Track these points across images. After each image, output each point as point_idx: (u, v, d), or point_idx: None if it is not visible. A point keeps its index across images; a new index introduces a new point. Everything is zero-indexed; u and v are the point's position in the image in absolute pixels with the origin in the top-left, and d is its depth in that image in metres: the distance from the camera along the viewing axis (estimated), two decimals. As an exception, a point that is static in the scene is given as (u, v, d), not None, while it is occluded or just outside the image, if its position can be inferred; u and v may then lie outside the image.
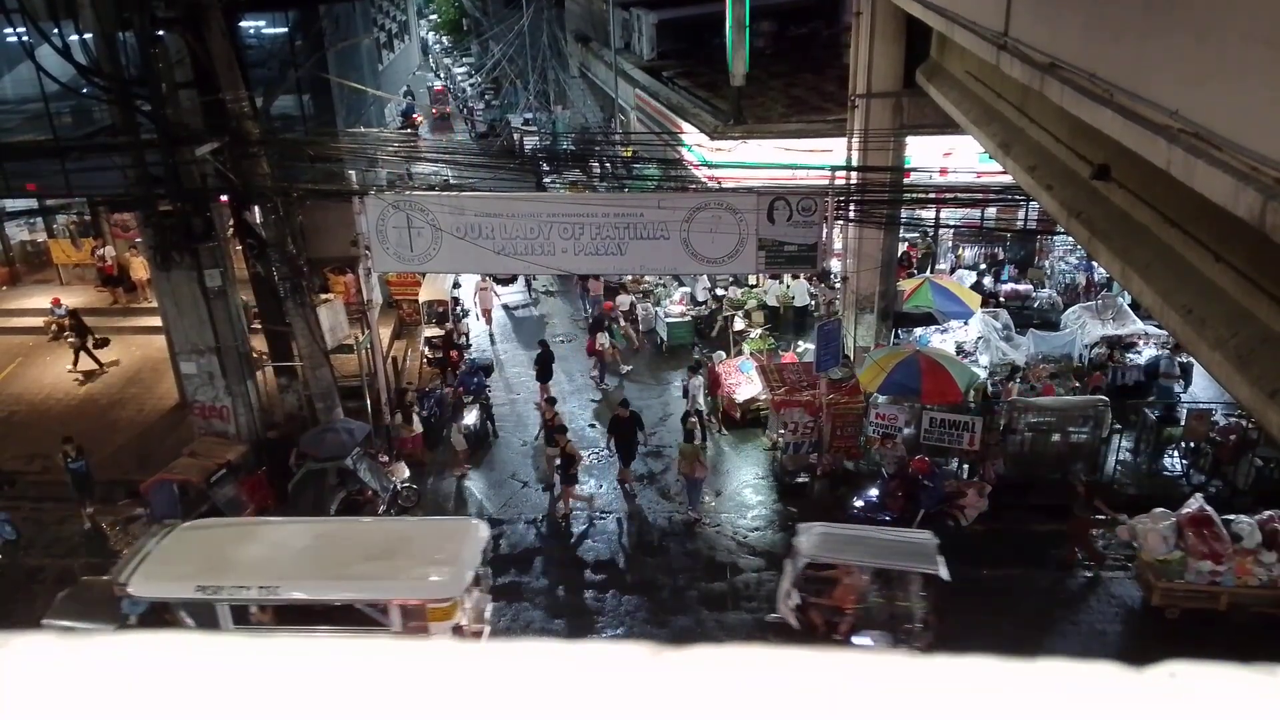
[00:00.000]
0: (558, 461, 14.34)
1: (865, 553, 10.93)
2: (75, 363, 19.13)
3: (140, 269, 21.12)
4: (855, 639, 10.90)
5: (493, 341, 20.95)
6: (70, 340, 19.11)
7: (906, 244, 21.86)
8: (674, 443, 16.44)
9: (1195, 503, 11.89)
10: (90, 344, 19.08)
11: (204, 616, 10.17)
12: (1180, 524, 11.65)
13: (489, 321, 21.31)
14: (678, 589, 12.93)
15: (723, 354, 17.74)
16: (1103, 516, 12.71)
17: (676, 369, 18.95)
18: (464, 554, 10.51)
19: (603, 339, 18.61)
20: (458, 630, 10.33)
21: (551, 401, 15.96)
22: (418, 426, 16.12)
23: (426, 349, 19.33)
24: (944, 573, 10.40)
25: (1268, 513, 11.73)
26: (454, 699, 0.76)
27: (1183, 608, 11.77)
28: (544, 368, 17.73)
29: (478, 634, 10.86)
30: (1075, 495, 12.80)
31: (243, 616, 10.44)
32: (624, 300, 20.81)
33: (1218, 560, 11.39)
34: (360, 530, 11.63)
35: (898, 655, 0.80)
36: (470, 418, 16.29)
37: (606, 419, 17.28)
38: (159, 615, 10.24)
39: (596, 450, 16.37)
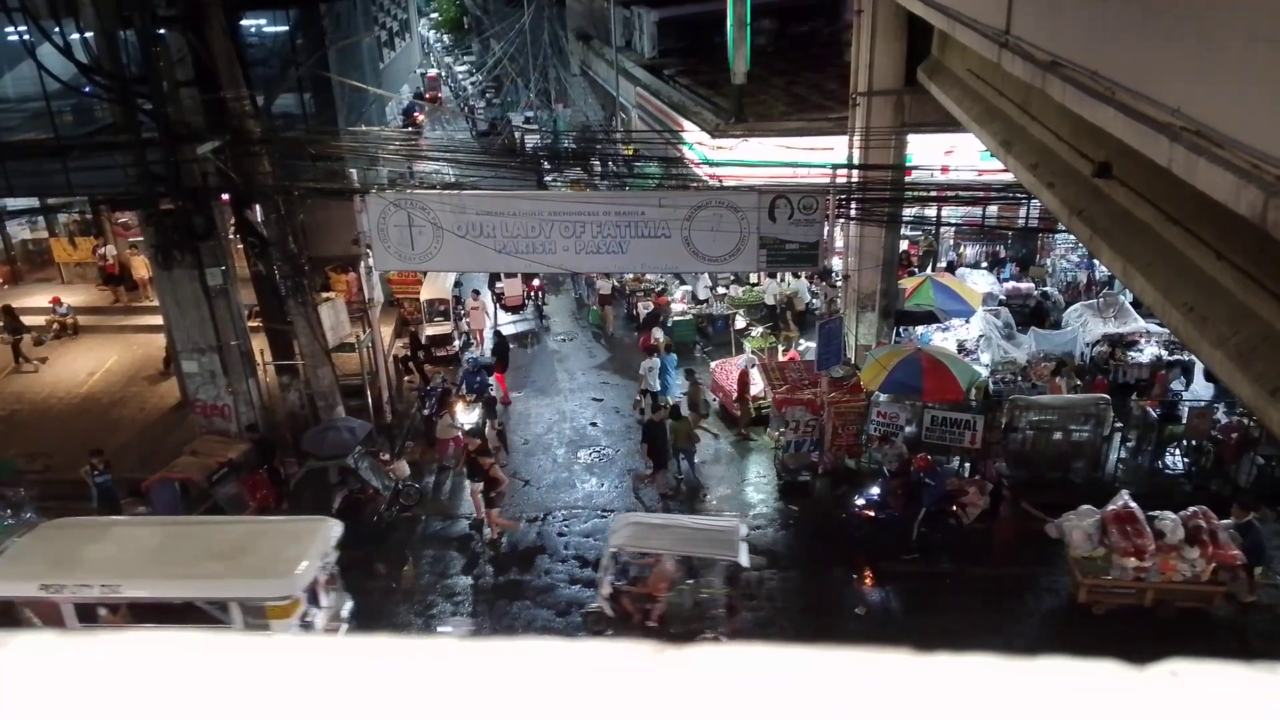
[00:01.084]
0: (480, 488, 13.94)
1: (670, 541, 11.24)
2: (16, 359, 19.23)
3: (141, 267, 21.14)
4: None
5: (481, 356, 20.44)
6: (3, 338, 19.18)
7: (907, 242, 21.82)
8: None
9: (1120, 499, 11.96)
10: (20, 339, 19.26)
11: (49, 615, 10.17)
12: (1105, 521, 11.73)
13: (480, 342, 20.26)
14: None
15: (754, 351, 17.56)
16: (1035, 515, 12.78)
17: (679, 366, 18.94)
18: (308, 553, 10.52)
19: (657, 333, 18.58)
20: (307, 628, 10.41)
21: (473, 432, 15.24)
22: (467, 424, 15.95)
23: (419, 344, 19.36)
24: (744, 560, 10.74)
25: (1192, 509, 11.81)
26: (454, 699, 0.76)
27: (1109, 604, 11.85)
28: (502, 357, 18.17)
29: (333, 632, 10.83)
30: (1002, 497, 12.82)
31: (89, 615, 10.41)
32: (604, 285, 20.85)
33: (1141, 556, 11.44)
34: (212, 529, 11.67)
35: (898, 655, 0.80)
36: (473, 415, 16.23)
37: (606, 413, 17.30)
38: (6, 614, 10.22)
39: (597, 449, 16.37)
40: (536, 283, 21.96)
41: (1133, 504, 11.74)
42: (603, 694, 0.76)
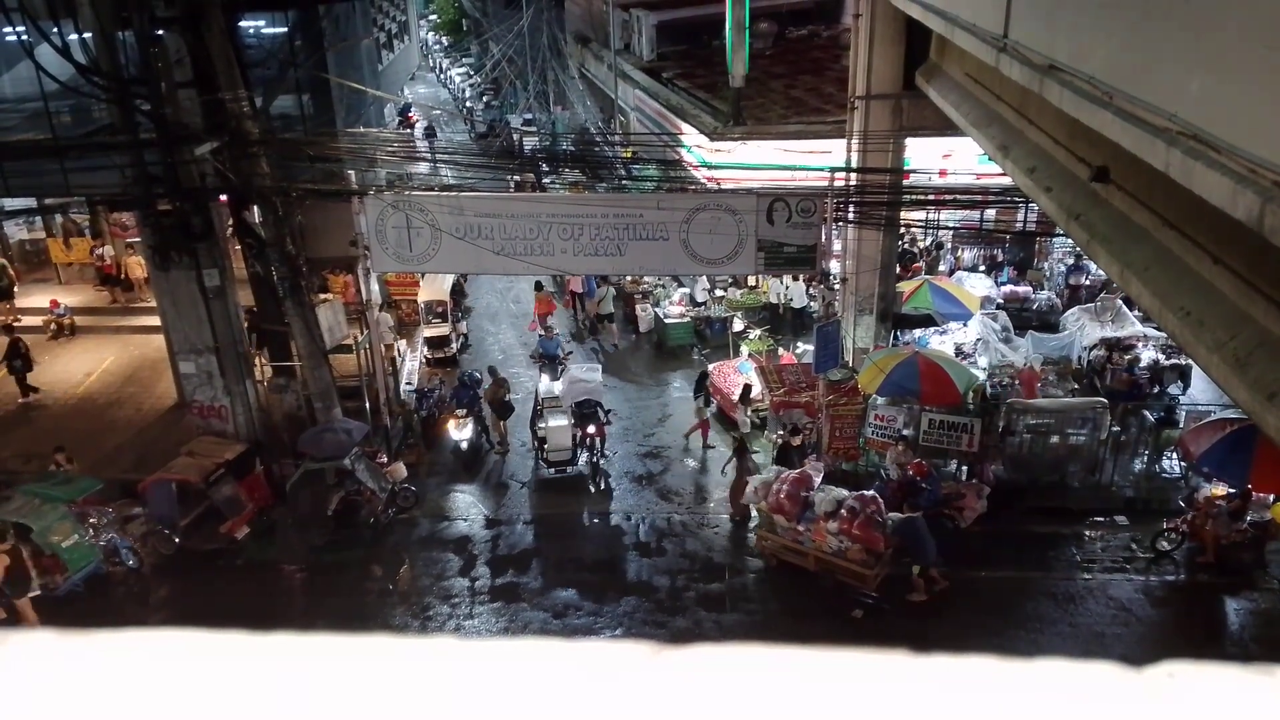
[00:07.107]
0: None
1: None
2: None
3: (138, 268, 21.10)
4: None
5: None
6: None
7: (922, 257, 21.84)
8: (672, 443, 16.48)
9: (809, 468, 12.90)
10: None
11: None
12: (771, 481, 12.69)
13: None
14: (675, 590, 12.93)
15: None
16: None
17: (676, 369, 18.99)
18: None
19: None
20: None
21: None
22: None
23: (426, 349, 19.32)
24: None
25: (861, 492, 12.47)
26: (454, 699, 0.77)
27: (780, 559, 12.86)
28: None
29: None
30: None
31: None
32: (644, 319, 20.79)
33: (789, 519, 12.41)
34: None
35: (895, 656, 0.80)
36: (466, 432, 16.14)
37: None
38: None
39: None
40: (593, 429, 15.39)
41: (812, 473, 12.71)
42: (603, 693, 0.76)
